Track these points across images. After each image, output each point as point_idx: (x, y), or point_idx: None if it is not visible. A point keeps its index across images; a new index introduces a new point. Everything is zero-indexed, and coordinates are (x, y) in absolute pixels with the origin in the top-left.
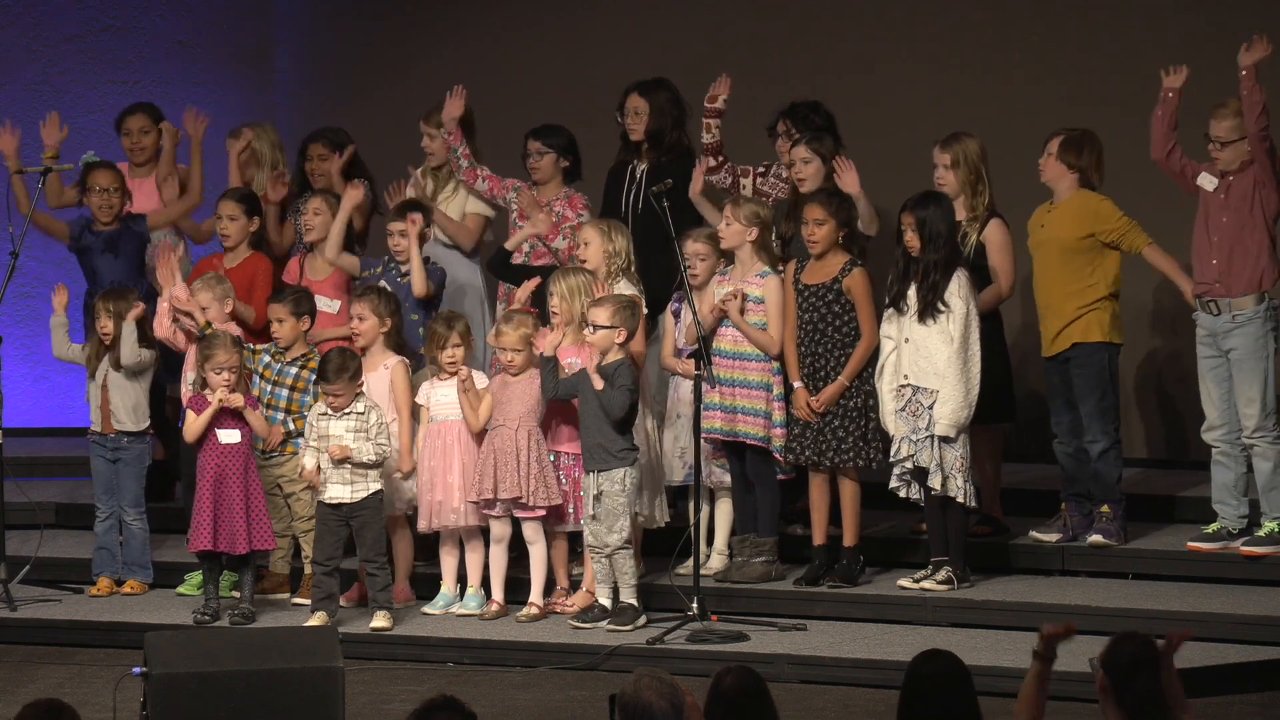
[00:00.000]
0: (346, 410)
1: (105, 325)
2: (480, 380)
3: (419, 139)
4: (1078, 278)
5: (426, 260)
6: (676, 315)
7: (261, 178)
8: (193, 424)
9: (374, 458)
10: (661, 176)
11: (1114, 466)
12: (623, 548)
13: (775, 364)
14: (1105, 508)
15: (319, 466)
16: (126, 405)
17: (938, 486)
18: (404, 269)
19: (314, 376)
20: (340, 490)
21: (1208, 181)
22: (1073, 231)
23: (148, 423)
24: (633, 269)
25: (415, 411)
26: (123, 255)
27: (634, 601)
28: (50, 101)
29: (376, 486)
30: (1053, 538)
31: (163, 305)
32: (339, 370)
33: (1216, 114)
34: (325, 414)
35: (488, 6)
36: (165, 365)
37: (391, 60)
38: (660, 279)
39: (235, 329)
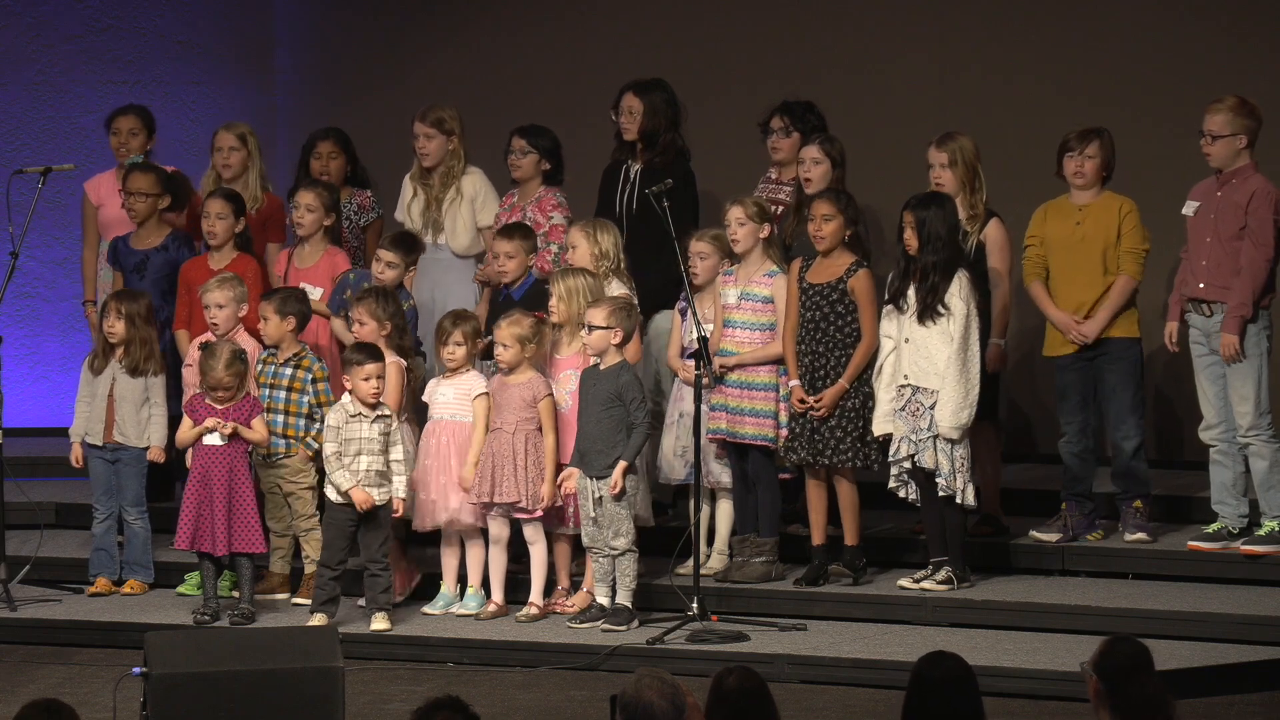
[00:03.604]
0: (378, 415)
1: (114, 326)
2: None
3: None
4: (1112, 276)
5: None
6: (684, 315)
7: (253, 177)
8: (182, 434)
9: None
10: (656, 177)
11: (1144, 462)
12: (630, 550)
13: (782, 365)
14: (1138, 503)
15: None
16: (134, 419)
17: (944, 487)
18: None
19: (310, 376)
20: (371, 493)
21: (1189, 208)
22: (1112, 232)
23: (148, 444)
24: (623, 267)
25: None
26: (150, 278)
27: (629, 604)
28: (50, 101)
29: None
30: (1053, 537)
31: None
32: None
33: (1211, 109)
34: (359, 415)
35: (486, 7)
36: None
37: (391, 60)
38: (657, 279)
39: (245, 336)
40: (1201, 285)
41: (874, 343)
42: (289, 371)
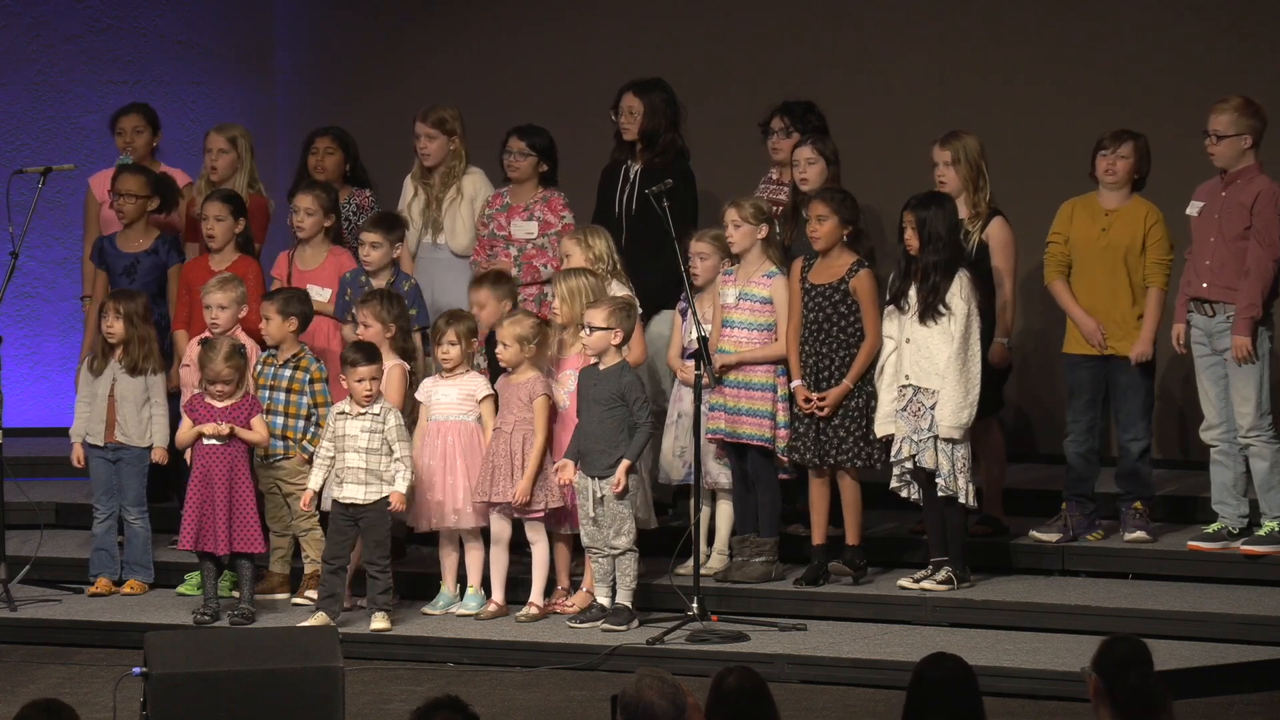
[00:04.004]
0: (363, 410)
1: (113, 325)
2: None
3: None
4: (1138, 281)
5: (395, 268)
6: (684, 315)
7: (241, 180)
8: (181, 434)
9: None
10: (656, 177)
11: (1149, 465)
12: (630, 550)
13: (779, 365)
14: (1138, 504)
15: (320, 487)
16: (135, 419)
17: (944, 487)
18: (375, 282)
19: (307, 377)
20: (355, 490)
21: (1193, 208)
22: (1137, 240)
23: (150, 444)
24: (619, 268)
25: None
26: (139, 281)
27: (629, 604)
28: (50, 101)
29: (390, 489)
30: (1053, 537)
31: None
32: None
33: (1216, 109)
34: (344, 413)
35: (486, 7)
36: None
37: (392, 60)
38: (657, 279)
39: (243, 337)
40: (1205, 285)
41: (877, 343)
42: (288, 373)
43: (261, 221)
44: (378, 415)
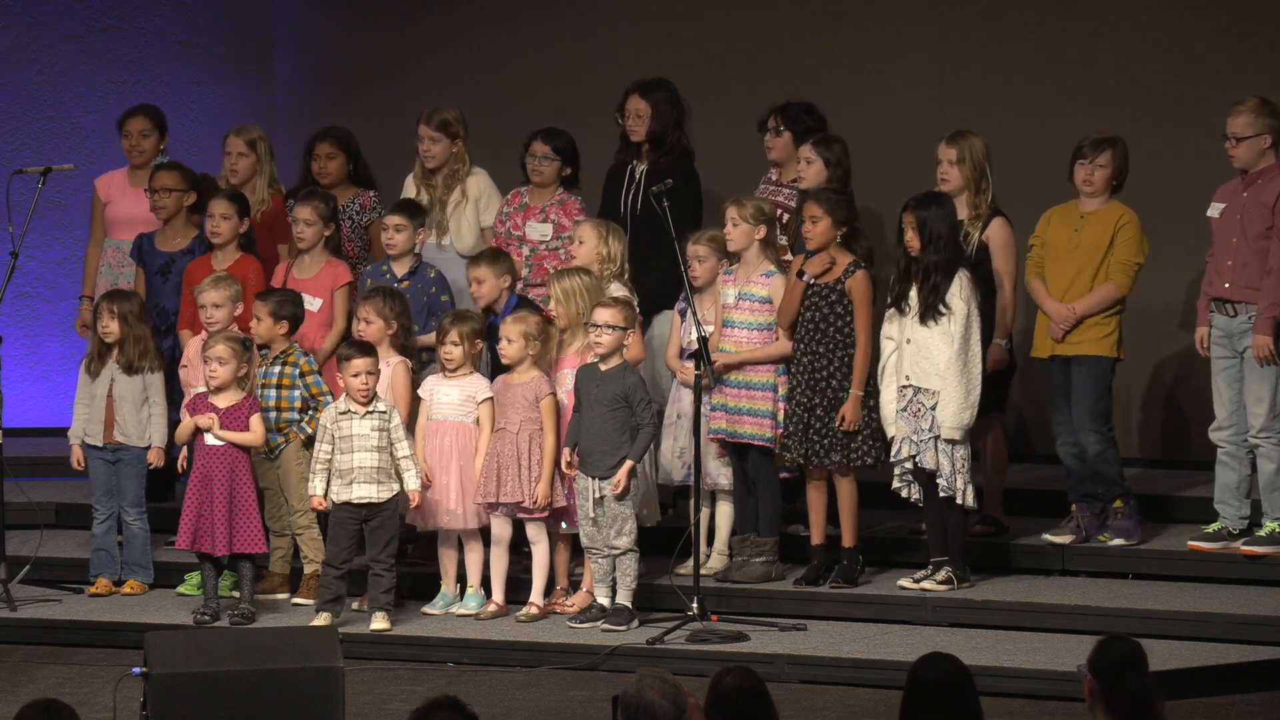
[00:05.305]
0: (369, 410)
1: (108, 325)
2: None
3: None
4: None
5: (419, 259)
6: (684, 315)
7: (261, 182)
8: (179, 429)
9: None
10: (660, 177)
11: (1113, 464)
12: (631, 550)
13: (780, 364)
14: (1118, 502)
15: (327, 489)
16: (135, 419)
17: (944, 488)
18: (397, 269)
19: (296, 372)
20: (368, 490)
21: (1214, 209)
22: (1106, 242)
23: (149, 444)
24: (625, 276)
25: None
26: (173, 281)
27: (629, 604)
28: (50, 101)
29: (399, 488)
30: (1066, 539)
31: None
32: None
33: (1233, 110)
34: (347, 413)
35: (486, 7)
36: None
37: (391, 60)
38: (658, 279)
39: (240, 333)
40: (1227, 285)
41: (868, 346)
42: (277, 369)
43: (284, 222)
44: (384, 413)
